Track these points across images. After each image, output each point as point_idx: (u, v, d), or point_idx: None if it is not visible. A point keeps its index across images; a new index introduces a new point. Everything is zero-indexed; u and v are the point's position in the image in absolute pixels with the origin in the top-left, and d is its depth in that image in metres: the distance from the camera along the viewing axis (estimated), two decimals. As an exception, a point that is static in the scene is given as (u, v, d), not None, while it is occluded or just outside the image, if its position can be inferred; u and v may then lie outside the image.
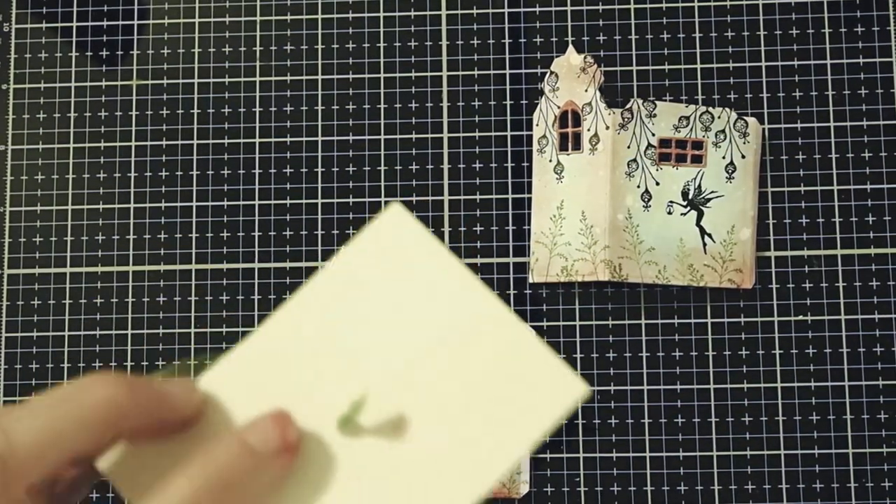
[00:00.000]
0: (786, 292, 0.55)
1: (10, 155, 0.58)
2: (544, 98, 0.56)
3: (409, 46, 0.58)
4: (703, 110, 0.55)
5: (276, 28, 0.58)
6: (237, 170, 0.57)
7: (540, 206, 0.56)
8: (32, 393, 0.56)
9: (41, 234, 0.57)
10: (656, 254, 0.54)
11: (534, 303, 0.55)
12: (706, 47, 0.57)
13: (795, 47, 0.56)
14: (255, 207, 0.57)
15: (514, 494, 0.53)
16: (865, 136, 0.55)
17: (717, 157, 0.55)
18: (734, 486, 0.53)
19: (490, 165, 0.56)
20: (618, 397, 0.54)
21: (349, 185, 0.57)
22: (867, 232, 0.55)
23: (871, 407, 0.53)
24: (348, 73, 0.58)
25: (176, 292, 0.56)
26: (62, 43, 0.59)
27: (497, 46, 0.57)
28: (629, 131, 0.54)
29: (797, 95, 0.56)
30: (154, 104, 0.58)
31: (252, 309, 0.56)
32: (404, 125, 0.57)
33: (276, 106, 0.58)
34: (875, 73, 0.56)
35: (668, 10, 0.57)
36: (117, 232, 0.57)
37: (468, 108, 0.57)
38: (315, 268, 0.56)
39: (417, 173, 0.57)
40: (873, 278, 0.54)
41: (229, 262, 0.57)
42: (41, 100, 0.58)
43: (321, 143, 0.57)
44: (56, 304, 0.57)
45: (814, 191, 0.55)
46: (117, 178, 0.58)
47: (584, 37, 0.57)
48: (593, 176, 0.54)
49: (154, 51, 0.59)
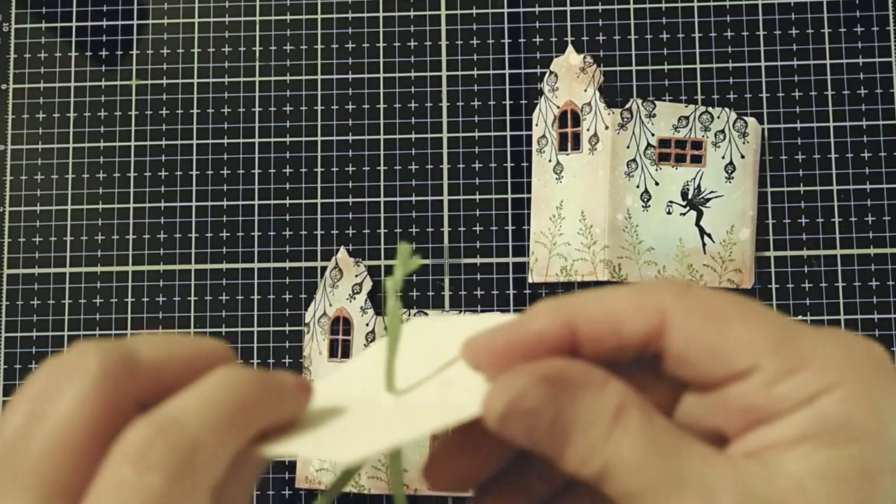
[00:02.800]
0: (785, 292, 0.55)
1: (9, 155, 0.58)
2: (544, 98, 0.56)
3: (409, 46, 0.58)
4: (702, 110, 0.55)
5: (275, 28, 0.58)
6: (237, 170, 0.57)
7: (539, 206, 0.56)
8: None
9: (41, 234, 0.57)
10: (656, 254, 0.54)
11: (533, 303, 0.55)
12: (706, 47, 0.57)
13: (795, 47, 0.56)
14: (255, 207, 0.57)
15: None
16: (865, 136, 0.55)
17: (717, 157, 0.55)
18: (733, 486, 0.53)
19: (489, 165, 0.56)
20: (617, 397, 0.54)
21: (349, 185, 0.57)
22: (867, 232, 0.55)
23: (871, 407, 0.53)
24: (348, 73, 0.58)
25: (176, 292, 0.56)
26: (62, 43, 0.59)
27: (496, 46, 0.57)
28: (628, 131, 0.54)
29: (796, 95, 0.56)
30: (154, 104, 0.58)
31: (252, 309, 0.56)
32: (404, 125, 0.57)
33: (276, 106, 0.58)
34: (875, 73, 0.56)
35: (668, 10, 0.57)
36: (117, 232, 0.57)
37: (468, 108, 0.57)
38: (315, 268, 0.56)
39: (417, 173, 0.57)
40: (873, 278, 0.54)
41: (229, 262, 0.57)
42: (41, 100, 0.59)
43: (321, 143, 0.57)
44: (56, 304, 0.57)
45: (813, 191, 0.55)
46: (117, 178, 0.58)
47: (584, 37, 0.57)
48: (593, 176, 0.54)
49: (154, 51, 0.59)
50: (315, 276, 0.56)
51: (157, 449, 0.18)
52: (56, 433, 0.19)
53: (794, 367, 0.20)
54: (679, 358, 0.21)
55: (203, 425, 0.19)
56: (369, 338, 0.54)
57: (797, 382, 0.19)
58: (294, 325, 0.56)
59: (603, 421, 0.20)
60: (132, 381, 0.20)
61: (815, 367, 0.20)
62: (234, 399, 0.20)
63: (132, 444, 0.19)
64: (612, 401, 0.20)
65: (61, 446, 0.19)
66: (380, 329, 0.54)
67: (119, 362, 0.20)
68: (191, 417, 0.19)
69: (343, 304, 0.55)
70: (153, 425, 0.19)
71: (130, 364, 0.20)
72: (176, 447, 0.19)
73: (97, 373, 0.20)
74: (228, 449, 0.20)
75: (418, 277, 0.56)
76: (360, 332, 0.54)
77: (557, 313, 0.21)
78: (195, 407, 0.20)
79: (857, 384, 0.19)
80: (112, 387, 0.20)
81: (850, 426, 0.19)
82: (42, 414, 0.19)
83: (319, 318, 0.55)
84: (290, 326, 0.56)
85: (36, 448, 0.19)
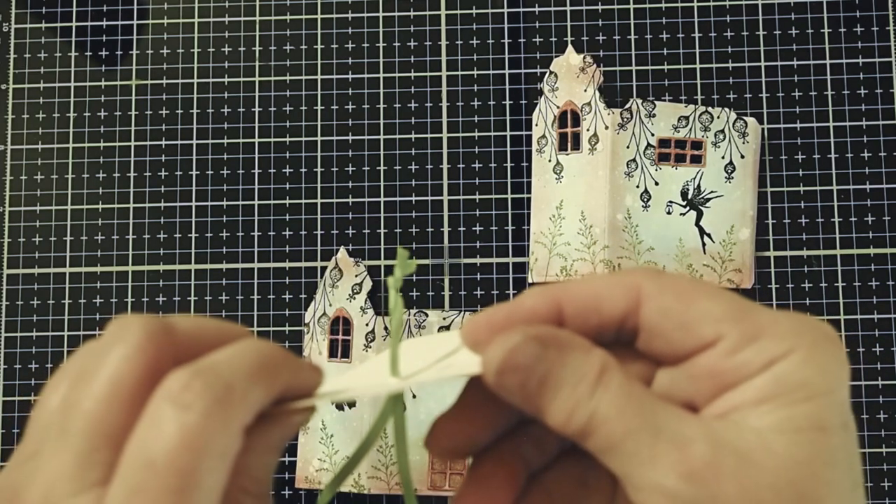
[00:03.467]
0: (785, 292, 0.55)
1: (9, 155, 0.58)
2: (543, 98, 0.56)
3: (409, 46, 0.58)
4: (702, 110, 0.55)
5: (275, 28, 0.58)
6: (237, 170, 0.57)
7: (539, 206, 0.56)
8: (32, 393, 0.56)
9: (40, 234, 0.57)
10: (655, 254, 0.54)
11: (533, 303, 0.55)
12: (705, 47, 0.57)
13: (795, 47, 0.56)
14: (255, 207, 0.57)
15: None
16: (865, 136, 0.55)
17: (717, 157, 0.55)
18: (733, 486, 0.53)
19: (489, 165, 0.56)
20: (617, 397, 0.54)
21: (349, 185, 0.57)
22: (866, 232, 0.55)
23: (871, 407, 0.53)
24: (348, 73, 0.58)
25: (175, 292, 0.56)
26: (62, 43, 0.59)
27: (496, 46, 0.57)
28: (628, 131, 0.54)
29: (796, 95, 0.56)
30: (154, 104, 0.58)
31: (252, 309, 0.56)
32: (404, 125, 0.57)
33: (276, 106, 0.58)
34: (874, 73, 0.56)
35: (668, 10, 0.57)
36: (117, 232, 0.57)
37: (467, 108, 0.57)
38: (315, 268, 0.56)
39: (417, 173, 0.57)
40: (872, 278, 0.54)
41: (229, 262, 0.57)
42: (41, 100, 0.59)
43: (320, 143, 0.57)
44: (55, 304, 0.57)
45: (813, 191, 0.55)
46: (117, 178, 0.58)
47: (584, 37, 0.57)
48: (592, 176, 0.54)
49: (154, 51, 0.59)
50: (315, 276, 0.56)
51: (194, 388, 0.20)
52: (103, 389, 0.21)
53: (753, 336, 0.22)
54: (653, 332, 0.23)
55: (235, 371, 0.21)
56: (369, 338, 0.54)
57: (756, 349, 0.22)
58: (294, 325, 0.56)
59: (588, 379, 0.22)
60: (172, 345, 0.22)
61: (772, 335, 0.22)
62: (261, 356, 0.22)
63: (172, 386, 0.20)
64: (597, 361, 0.22)
65: (107, 400, 0.21)
66: (380, 329, 0.54)
67: (160, 328, 0.22)
68: (224, 365, 0.21)
69: (343, 304, 0.55)
70: (189, 370, 0.21)
71: (170, 330, 0.22)
72: (211, 386, 0.20)
73: (141, 336, 0.21)
74: (258, 395, 0.21)
75: (418, 277, 0.56)
76: (359, 332, 0.54)
77: (546, 293, 0.24)
78: (227, 358, 0.22)
79: (810, 350, 0.22)
80: (154, 348, 0.21)
81: (804, 387, 0.21)
82: (89, 375, 0.21)
83: (319, 318, 0.55)
84: (290, 326, 0.56)
85: (84, 403, 0.21)
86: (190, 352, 0.22)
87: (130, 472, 0.20)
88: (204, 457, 0.20)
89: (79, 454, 0.20)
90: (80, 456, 0.20)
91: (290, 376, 0.23)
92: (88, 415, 0.21)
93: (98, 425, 0.20)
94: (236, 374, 0.21)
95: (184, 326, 0.23)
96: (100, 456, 0.20)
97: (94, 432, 0.20)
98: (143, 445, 0.20)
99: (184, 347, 0.22)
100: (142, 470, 0.19)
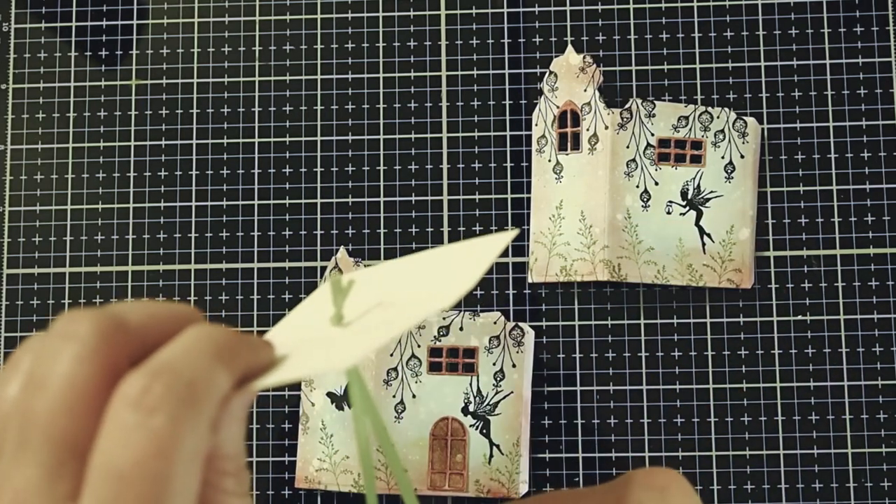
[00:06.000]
0: (785, 292, 0.55)
1: (9, 155, 0.58)
2: (543, 98, 0.56)
3: (409, 46, 0.58)
4: (702, 110, 0.55)
5: (275, 28, 0.58)
6: (236, 170, 0.57)
7: (539, 206, 0.56)
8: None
9: (40, 234, 0.57)
10: (655, 254, 0.54)
11: (533, 303, 0.55)
12: (705, 47, 0.57)
13: (794, 47, 0.56)
14: (255, 207, 0.57)
15: (513, 494, 0.53)
16: (864, 136, 0.55)
17: (716, 157, 0.55)
18: (733, 486, 0.53)
19: (489, 165, 0.56)
20: (617, 397, 0.54)
21: (348, 185, 0.57)
22: (866, 232, 0.55)
23: (870, 407, 0.53)
24: (347, 73, 0.58)
25: (175, 292, 0.56)
26: (62, 43, 0.59)
27: (496, 46, 0.57)
28: (628, 131, 0.54)
29: (796, 95, 0.56)
30: (153, 104, 0.58)
31: (251, 309, 0.56)
32: (403, 125, 0.57)
33: (276, 106, 0.58)
34: (874, 73, 0.56)
35: (668, 10, 0.57)
36: (117, 232, 0.57)
37: (467, 108, 0.57)
38: (315, 268, 0.56)
39: (417, 173, 0.57)
40: (872, 278, 0.54)
41: (229, 262, 0.57)
42: (40, 100, 0.59)
43: (320, 143, 0.57)
44: (55, 304, 0.57)
45: (813, 191, 0.55)
46: (117, 178, 0.58)
47: (584, 37, 0.57)
48: (592, 176, 0.54)
49: (154, 51, 0.59)
50: (315, 276, 0.56)
51: (155, 391, 0.19)
52: (60, 395, 0.20)
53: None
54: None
55: (192, 364, 0.20)
56: (369, 338, 0.54)
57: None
58: (294, 325, 0.56)
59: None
60: (125, 342, 0.21)
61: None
62: (215, 343, 0.21)
63: (130, 392, 0.19)
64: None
65: (66, 408, 0.20)
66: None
67: (111, 325, 0.21)
68: (180, 361, 0.20)
69: (343, 304, 0.55)
70: (146, 372, 0.20)
71: (122, 326, 0.21)
72: (172, 386, 0.20)
73: (92, 335, 0.20)
74: (220, 384, 0.21)
75: (418, 277, 0.56)
76: (359, 331, 0.54)
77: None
78: (181, 352, 0.21)
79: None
80: (107, 348, 0.21)
81: None
82: (42, 379, 0.20)
83: (319, 318, 0.55)
84: (289, 326, 0.56)
85: (42, 412, 0.20)
86: (143, 346, 0.22)
87: (100, 484, 0.19)
88: (175, 461, 0.19)
89: (44, 467, 0.19)
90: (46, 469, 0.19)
91: (249, 357, 0.22)
92: (48, 425, 0.20)
93: (61, 435, 0.20)
94: (196, 369, 0.20)
95: (135, 318, 0.22)
96: (66, 469, 0.19)
97: (57, 444, 0.20)
98: (111, 457, 0.19)
99: (137, 341, 0.22)
100: (112, 483, 0.19)
